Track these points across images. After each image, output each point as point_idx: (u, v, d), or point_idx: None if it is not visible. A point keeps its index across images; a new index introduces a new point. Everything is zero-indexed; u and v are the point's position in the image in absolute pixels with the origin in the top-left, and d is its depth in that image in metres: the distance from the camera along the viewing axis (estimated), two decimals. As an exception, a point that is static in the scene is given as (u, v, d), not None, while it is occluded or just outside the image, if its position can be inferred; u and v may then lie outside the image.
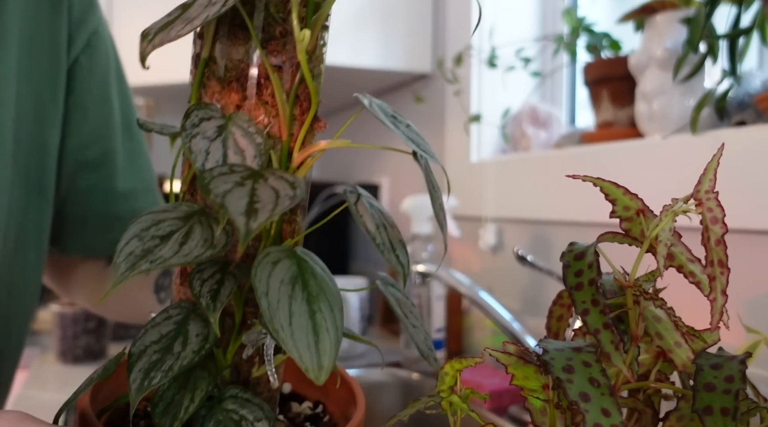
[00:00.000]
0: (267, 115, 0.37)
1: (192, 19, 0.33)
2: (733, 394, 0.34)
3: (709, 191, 0.36)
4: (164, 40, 0.32)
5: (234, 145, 0.35)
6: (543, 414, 0.45)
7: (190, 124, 0.35)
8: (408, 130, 0.38)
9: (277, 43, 0.37)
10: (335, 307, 0.33)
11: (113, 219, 0.80)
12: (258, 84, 0.37)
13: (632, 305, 0.39)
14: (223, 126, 0.35)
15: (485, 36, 1.33)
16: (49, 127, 0.72)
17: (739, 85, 0.83)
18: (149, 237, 0.34)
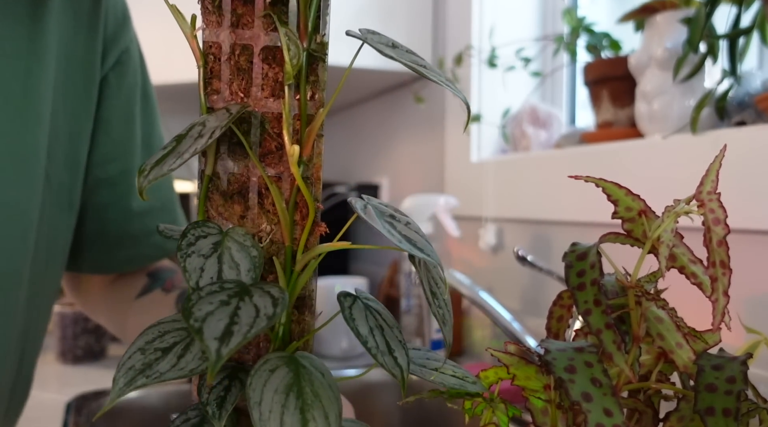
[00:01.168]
0: (269, 222, 0.40)
1: (182, 153, 0.36)
2: (734, 395, 0.35)
3: (711, 192, 0.36)
4: (158, 174, 0.35)
5: (229, 260, 0.36)
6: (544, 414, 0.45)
7: (186, 243, 0.36)
8: (407, 228, 0.39)
9: (274, 156, 0.40)
10: (331, 413, 0.33)
11: (126, 237, 0.80)
12: (259, 194, 0.40)
13: (634, 306, 0.39)
14: (219, 242, 0.37)
15: (485, 36, 1.33)
16: (82, 143, 0.73)
17: (739, 85, 0.83)
18: (152, 350, 0.35)
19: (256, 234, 0.41)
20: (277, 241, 0.40)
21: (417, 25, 1.51)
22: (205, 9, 0.39)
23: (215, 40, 0.39)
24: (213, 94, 0.40)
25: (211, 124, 0.37)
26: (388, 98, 1.77)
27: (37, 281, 0.70)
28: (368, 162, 1.91)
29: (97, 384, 1.11)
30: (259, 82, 0.39)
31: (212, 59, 0.39)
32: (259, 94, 0.39)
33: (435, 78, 0.38)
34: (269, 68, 0.39)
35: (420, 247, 0.37)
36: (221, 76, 0.39)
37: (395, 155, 1.76)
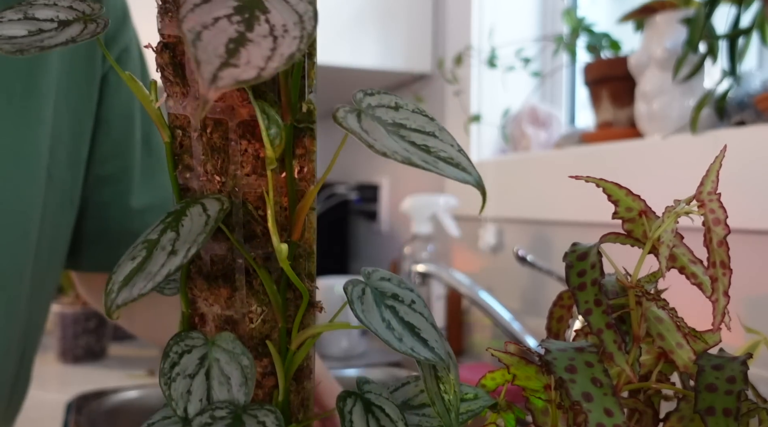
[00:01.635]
0: (260, 303, 0.37)
1: (154, 274, 0.31)
2: (735, 395, 0.35)
3: (712, 193, 0.37)
4: (127, 299, 0.31)
5: (219, 374, 0.33)
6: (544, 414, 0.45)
7: (169, 364, 0.33)
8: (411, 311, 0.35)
9: (260, 240, 0.36)
10: None
11: (126, 235, 0.80)
12: (247, 273, 0.36)
13: (634, 306, 0.39)
14: (206, 356, 0.34)
15: (485, 36, 1.34)
16: (84, 142, 0.74)
17: (738, 86, 0.83)
18: None
19: (246, 315, 0.37)
20: (270, 320, 0.37)
21: (417, 25, 1.51)
22: (165, 79, 0.34)
23: (181, 112, 0.34)
24: (185, 171, 0.35)
25: (188, 233, 0.32)
26: (387, 98, 1.77)
27: (38, 279, 0.70)
28: (368, 162, 1.91)
29: (97, 384, 1.11)
30: (238, 159, 0.34)
31: (180, 133, 0.35)
32: (238, 173, 0.34)
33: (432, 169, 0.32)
34: (248, 144, 0.34)
35: (425, 337, 0.33)
36: (192, 152, 0.35)
37: (395, 155, 1.76)
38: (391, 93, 0.34)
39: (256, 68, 0.24)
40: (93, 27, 0.32)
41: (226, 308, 0.37)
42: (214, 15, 0.26)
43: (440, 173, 0.30)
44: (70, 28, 0.32)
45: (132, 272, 0.31)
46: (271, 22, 0.26)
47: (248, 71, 0.24)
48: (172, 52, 0.33)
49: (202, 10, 0.26)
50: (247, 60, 0.25)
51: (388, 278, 0.36)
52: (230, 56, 0.25)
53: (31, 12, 0.32)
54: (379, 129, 0.31)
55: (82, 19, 0.32)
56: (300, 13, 0.27)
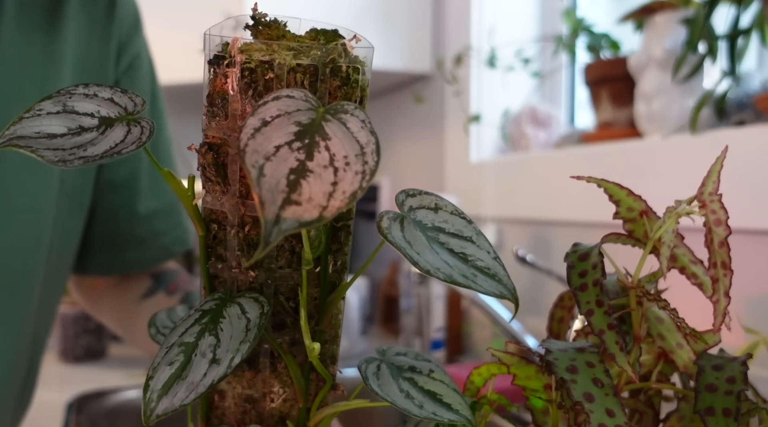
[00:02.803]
0: (282, 385, 0.37)
1: (196, 384, 0.30)
2: (735, 395, 0.35)
3: (713, 193, 0.37)
4: (168, 408, 0.30)
5: None
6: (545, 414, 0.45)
7: None
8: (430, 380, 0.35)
9: (289, 329, 0.36)
10: None
11: (133, 239, 0.81)
12: (271, 355, 0.36)
13: (635, 306, 0.39)
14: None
15: (485, 36, 1.34)
16: None
17: (738, 86, 0.83)
18: None
19: (268, 394, 0.37)
20: (291, 399, 0.37)
21: (417, 25, 1.51)
22: (206, 178, 0.34)
23: (219, 208, 0.34)
24: (218, 262, 0.35)
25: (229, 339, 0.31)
26: (388, 98, 1.77)
27: (49, 284, 0.70)
28: (368, 162, 1.91)
29: (97, 384, 1.11)
30: (273, 253, 0.34)
31: (216, 227, 0.35)
32: (272, 266, 0.35)
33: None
34: (284, 240, 0.34)
35: (447, 402, 0.33)
36: (227, 244, 0.35)
37: (395, 155, 1.76)
38: (432, 193, 0.34)
39: (318, 207, 0.24)
40: (137, 132, 0.31)
41: (247, 387, 0.37)
42: (275, 143, 0.26)
43: (478, 290, 0.31)
44: (113, 132, 0.31)
45: (171, 378, 0.30)
46: (331, 151, 0.26)
47: (311, 211, 0.24)
48: (216, 153, 0.33)
49: (263, 137, 0.26)
50: (309, 196, 0.24)
51: (404, 352, 0.36)
52: (291, 191, 0.24)
53: (71, 104, 0.31)
54: (421, 239, 0.31)
55: (124, 118, 0.32)
56: (362, 143, 0.27)
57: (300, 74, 0.31)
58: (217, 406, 0.38)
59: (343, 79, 0.32)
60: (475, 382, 0.47)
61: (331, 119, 0.28)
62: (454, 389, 0.35)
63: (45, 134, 0.29)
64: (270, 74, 0.31)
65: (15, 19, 0.63)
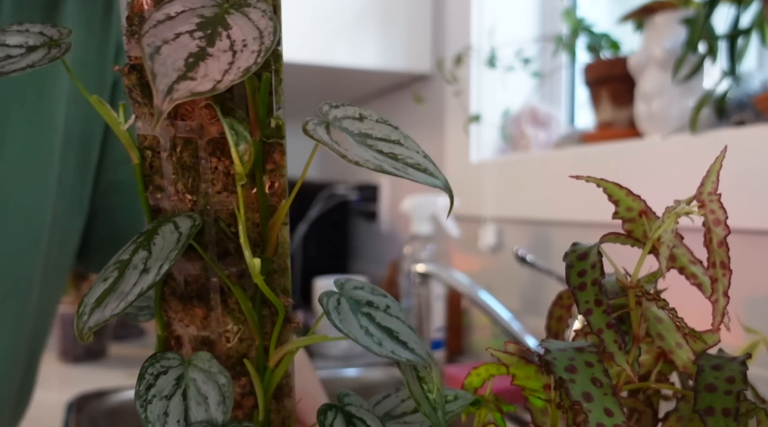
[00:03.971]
0: (236, 322, 0.37)
1: (126, 293, 0.31)
2: (734, 395, 0.35)
3: (712, 193, 0.37)
4: (100, 320, 0.30)
5: (196, 394, 0.33)
6: (544, 414, 0.45)
7: (145, 387, 0.33)
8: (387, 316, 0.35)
9: (234, 257, 0.36)
10: None
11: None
12: (221, 292, 0.36)
13: (634, 306, 0.39)
14: (182, 376, 0.34)
15: (485, 36, 1.34)
16: (94, 148, 0.74)
17: (738, 86, 0.83)
18: None
19: (223, 334, 0.37)
20: (247, 338, 0.37)
21: (417, 25, 1.51)
22: (133, 101, 0.34)
23: (150, 133, 0.34)
24: (156, 191, 0.35)
25: (159, 250, 0.32)
26: (387, 98, 1.77)
27: (47, 285, 0.70)
28: (368, 162, 1.91)
29: (97, 384, 1.11)
30: (208, 177, 0.34)
31: (150, 154, 0.35)
32: (209, 191, 0.35)
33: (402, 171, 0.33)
34: (218, 161, 0.34)
35: (404, 340, 0.34)
36: (163, 172, 0.35)
37: (395, 155, 1.75)
38: (354, 104, 0.34)
39: (213, 81, 0.26)
40: (55, 51, 0.32)
41: (202, 328, 0.37)
42: (176, 31, 0.27)
43: (410, 179, 0.31)
44: (34, 53, 0.32)
45: (104, 293, 0.31)
46: (232, 38, 0.28)
47: (204, 84, 0.25)
48: (140, 73, 0.33)
49: (165, 26, 0.28)
50: (205, 73, 0.26)
51: (361, 286, 0.36)
52: (189, 70, 0.26)
53: (2, 38, 0.33)
54: (348, 139, 0.31)
55: (47, 44, 0.33)
56: (261, 28, 0.28)
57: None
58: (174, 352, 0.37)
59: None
60: (474, 382, 0.47)
61: (234, 12, 0.29)
62: (409, 327, 0.35)
63: None
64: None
65: (11, 19, 0.63)
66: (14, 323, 0.66)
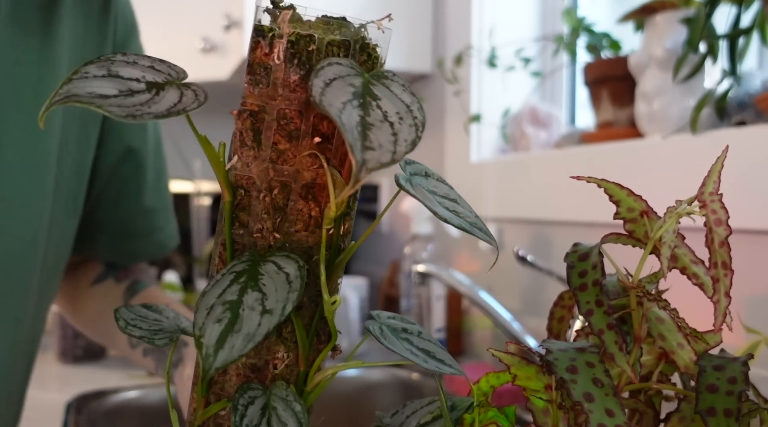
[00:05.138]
0: (286, 350, 0.39)
1: (252, 334, 0.32)
2: (736, 395, 0.35)
3: (713, 193, 0.37)
4: (227, 360, 0.31)
5: (277, 422, 0.36)
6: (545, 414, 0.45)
7: (239, 417, 0.35)
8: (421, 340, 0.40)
9: None
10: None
11: (131, 232, 0.82)
12: None
13: (635, 307, 0.39)
14: (266, 405, 0.37)
15: (485, 36, 1.33)
16: (90, 149, 0.74)
17: (739, 85, 0.83)
18: None
19: (271, 361, 0.39)
20: (292, 365, 0.39)
21: (417, 25, 1.51)
22: (241, 142, 0.36)
23: (249, 174, 0.36)
24: (239, 228, 0.37)
25: (274, 291, 0.34)
26: (387, 98, 1.77)
27: (44, 287, 0.70)
28: (368, 162, 1.91)
29: (97, 384, 1.11)
30: (294, 218, 0.37)
31: (242, 193, 0.37)
32: (291, 230, 0.37)
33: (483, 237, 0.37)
34: (305, 204, 0.37)
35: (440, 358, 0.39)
36: (251, 210, 0.37)
37: (395, 155, 1.75)
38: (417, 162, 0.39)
39: (389, 152, 0.29)
40: (191, 95, 0.32)
41: (253, 356, 0.39)
42: (341, 100, 0.31)
43: (478, 237, 0.36)
44: (167, 94, 0.32)
45: (223, 333, 0.32)
46: (382, 109, 0.31)
47: (384, 155, 0.29)
48: (254, 119, 0.35)
49: (330, 93, 0.31)
50: (379, 143, 0.29)
51: (393, 316, 0.40)
52: (363, 139, 0.29)
53: (114, 69, 0.32)
54: (428, 195, 0.36)
55: (174, 83, 0.33)
56: (407, 103, 0.33)
57: (335, 47, 0.36)
58: (216, 381, 0.39)
59: (368, 54, 0.37)
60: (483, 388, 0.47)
61: (376, 83, 0.33)
62: (441, 349, 0.40)
63: (97, 95, 0.30)
64: (312, 46, 0.35)
65: (9, 19, 0.62)
66: (12, 326, 0.66)
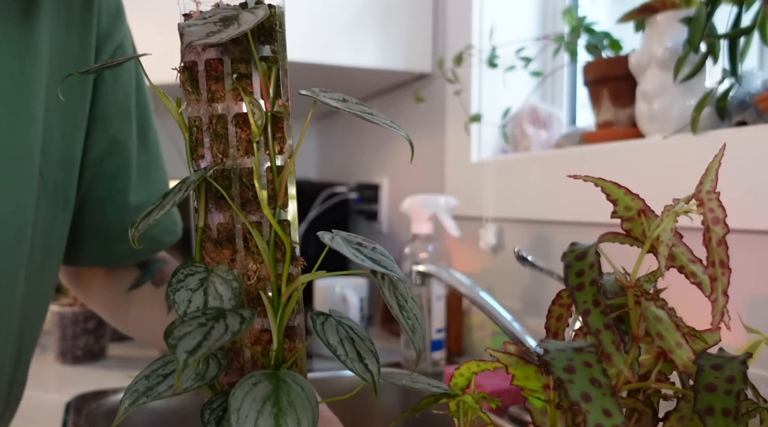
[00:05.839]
0: (255, 262, 0.46)
1: (165, 205, 0.42)
2: (734, 394, 0.34)
3: (711, 192, 0.36)
4: (146, 225, 0.42)
5: (214, 292, 0.42)
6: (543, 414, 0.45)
7: (176, 280, 0.42)
8: (373, 252, 0.45)
9: (252, 204, 0.46)
10: (304, 420, 0.37)
11: (123, 231, 0.81)
12: (244, 239, 0.46)
13: (633, 306, 0.39)
14: (205, 278, 0.43)
15: (485, 36, 1.33)
16: (76, 141, 0.74)
17: (739, 85, 0.83)
18: (155, 376, 0.41)
19: (245, 273, 0.46)
20: (264, 277, 0.46)
21: (417, 25, 1.51)
22: (185, 91, 0.46)
23: (197, 115, 0.46)
24: (198, 159, 0.47)
25: (190, 181, 0.43)
26: (388, 98, 1.77)
27: (33, 280, 0.70)
28: (368, 162, 1.91)
29: (96, 384, 1.11)
30: (234, 143, 0.45)
31: (196, 130, 0.46)
32: (235, 154, 0.45)
33: (380, 122, 0.44)
34: (242, 131, 0.45)
35: (384, 265, 0.44)
36: (203, 143, 0.46)
37: (395, 155, 1.75)
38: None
39: (218, 38, 0.39)
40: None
41: (229, 267, 0.45)
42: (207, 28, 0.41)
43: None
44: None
45: (151, 210, 0.43)
46: (240, 23, 0.40)
47: (213, 38, 0.39)
48: (190, 71, 0.46)
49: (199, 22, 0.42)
50: (219, 38, 0.39)
51: (355, 236, 0.47)
52: (208, 37, 0.39)
53: None
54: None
55: None
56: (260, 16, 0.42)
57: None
58: (202, 263, 0.46)
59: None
60: (459, 383, 0.47)
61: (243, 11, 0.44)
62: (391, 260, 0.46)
63: None
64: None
65: None
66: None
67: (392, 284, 0.45)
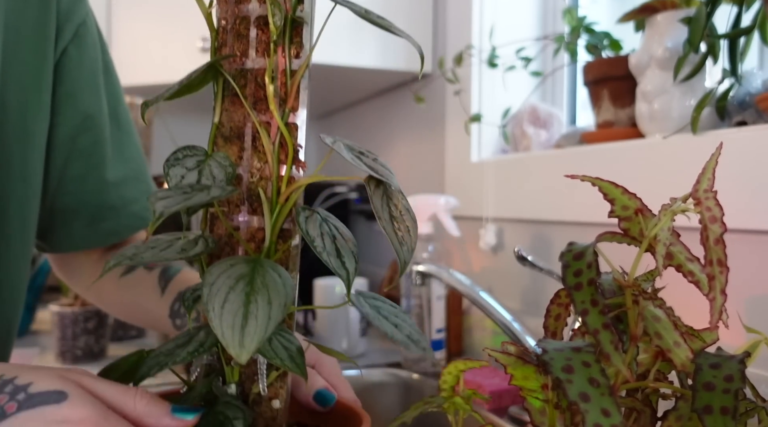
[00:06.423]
0: (260, 161, 0.48)
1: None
2: (732, 393, 0.34)
3: (708, 190, 0.36)
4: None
5: (208, 173, 0.44)
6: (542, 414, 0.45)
7: (174, 157, 0.44)
8: (374, 162, 0.46)
9: (263, 103, 0.48)
10: (275, 302, 0.37)
11: (105, 209, 0.81)
12: (253, 138, 0.48)
13: (631, 305, 0.39)
14: (203, 161, 0.45)
15: (485, 36, 1.33)
16: (32, 116, 0.73)
17: (739, 85, 0.83)
18: (145, 249, 0.42)
19: (250, 171, 0.48)
20: (266, 177, 0.48)
21: (417, 25, 1.51)
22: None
23: (225, 16, 0.49)
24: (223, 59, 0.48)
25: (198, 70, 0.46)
26: (388, 98, 1.77)
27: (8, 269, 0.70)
28: (369, 162, 1.91)
29: (96, 384, 1.11)
30: (254, 44, 0.48)
31: (222, 31, 0.49)
32: (253, 55, 0.48)
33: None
34: (262, 34, 0.48)
35: (381, 174, 0.45)
36: (227, 42, 0.48)
37: (395, 155, 1.75)
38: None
39: None
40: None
41: (237, 164, 0.48)
42: None
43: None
44: None
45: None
46: None
47: None
48: None
49: None
50: None
51: (357, 145, 0.49)
52: None
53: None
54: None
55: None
56: None
57: None
58: (202, 147, 0.49)
59: None
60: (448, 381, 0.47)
61: None
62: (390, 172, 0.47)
63: None
64: None
65: None
66: None
67: (386, 194, 0.45)
